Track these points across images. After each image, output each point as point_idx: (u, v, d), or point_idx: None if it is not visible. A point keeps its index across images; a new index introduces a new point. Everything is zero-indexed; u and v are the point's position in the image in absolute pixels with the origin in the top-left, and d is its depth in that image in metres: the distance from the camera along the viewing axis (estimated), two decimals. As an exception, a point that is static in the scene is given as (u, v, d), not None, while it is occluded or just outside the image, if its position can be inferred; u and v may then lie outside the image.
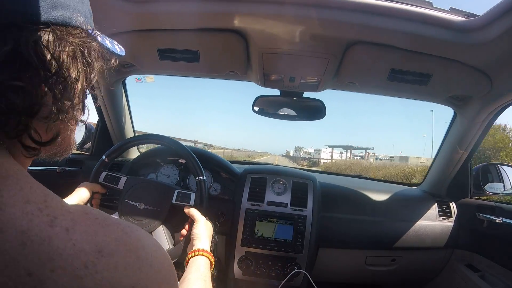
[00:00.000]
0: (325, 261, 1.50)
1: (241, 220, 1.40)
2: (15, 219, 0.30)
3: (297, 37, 1.02)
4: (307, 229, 1.38)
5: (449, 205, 1.58)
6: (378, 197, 1.60)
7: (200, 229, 0.94)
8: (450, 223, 1.54)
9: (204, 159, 1.29)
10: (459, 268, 1.51)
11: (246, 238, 1.38)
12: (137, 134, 1.85)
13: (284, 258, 1.38)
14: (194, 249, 0.86)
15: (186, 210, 1.04)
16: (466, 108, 1.36)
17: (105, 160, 1.14)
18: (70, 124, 0.42)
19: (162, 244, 1.02)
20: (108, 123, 1.69)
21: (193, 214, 1.00)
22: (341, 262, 1.56)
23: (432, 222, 1.53)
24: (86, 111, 0.47)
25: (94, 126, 1.75)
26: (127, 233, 0.36)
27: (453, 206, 1.58)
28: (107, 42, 0.48)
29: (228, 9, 0.95)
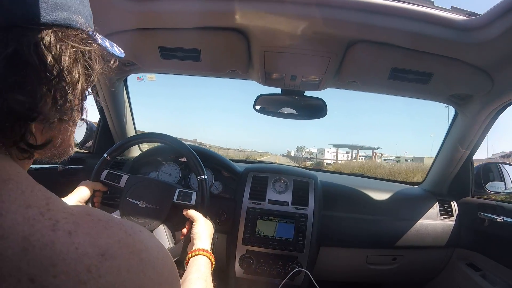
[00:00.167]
0: (326, 259, 1.50)
1: (242, 218, 1.40)
2: (17, 225, 0.29)
3: (298, 35, 1.02)
4: (308, 227, 1.38)
5: (450, 204, 1.58)
6: (379, 196, 1.60)
7: (199, 228, 0.94)
8: (451, 222, 1.54)
9: (205, 158, 1.29)
10: (460, 267, 1.51)
11: (247, 237, 1.39)
12: (138, 133, 1.86)
13: (285, 257, 1.38)
14: (194, 248, 0.86)
15: (185, 212, 1.03)
16: (468, 106, 1.36)
17: (106, 158, 1.13)
18: (68, 125, 0.42)
19: (163, 242, 1.02)
20: (109, 122, 1.69)
21: (192, 215, 0.99)
22: (342, 261, 1.56)
23: (433, 221, 1.53)
24: (85, 112, 0.47)
25: (95, 124, 1.76)
26: (130, 235, 0.35)
27: (454, 205, 1.58)
28: (107, 44, 0.48)
29: (229, 7, 0.94)
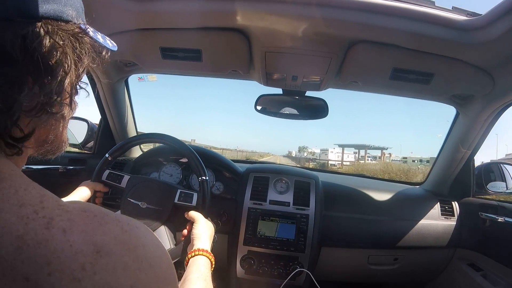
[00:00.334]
0: (327, 260, 1.50)
1: (243, 219, 1.40)
2: (11, 224, 0.29)
3: (299, 36, 1.02)
4: (310, 228, 1.38)
5: (451, 204, 1.58)
6: (381, 196, 1.60)
7: (199, 229, 0.94)
8: (452, 222, 1.54)
9: (206, 158, 1.29)
10: (462, 267, 1.51)
11: (248, 237, 1.38)
12: (139, 134, 1.86)
13: (286, 257, 1.37)
14: (194, 249, 0.86)
15: (186, 214, 1.02)
16: (469, 107, 1.36)
17: (108, 158, 1.13)
18: (57, 120, 0.42)
19: (164, 243, 1.02)
20: (110, 122, 1.69)
21: (192, 215, 0.99)
22: (343, 261, 1.55)
23: (434, 221, 1.53)
24: (75, 108, 0.46)
25: (96, 125, 1.76)
26: (127, 231, 0.35)
27: (455, 205, 1.58)
28: (99, 37, 0.47)
29: (231, 8, 0.94)
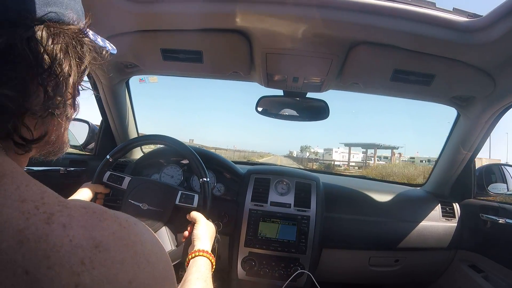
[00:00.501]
0: (328, 261, 1.50)
1: (244, 220, 1.40)
2: (12, 219, 0.29)
3: (300, 37, 1.02)
4: (311, 229, 1.38)
5: (452, 205, 1.58)
6: (382, 197, 1.60)
7: (200, 229, 0.94)
8: (453, 224, 1.54)
9: (207, 160, 1.29)
10: (463, 269, 1.51)
11: (249, 239, 1.38)
12: (140, 135, 1.86)
13: (287, 259, 1.37)
14: (195, 249, 0.86)
15: (188, 215, 1.02)
16: (470, 108, 1.36)
17: (109, 159, 1.13)
18: (61, 120, 0.42)
19: (165, 245, 1.02)
20: (111, 124, 1.69)
21: (194, 216, 0.99)
22: (344, 262, 1.55)
23: (435, 222, 1.52)
24: (77, 108, 0.47)
25: (97, 126, 1.76)
26: (125, 227, 0.35)
27: (456, 207, 1.58)
28: (99, 40, 0.48)
29: (231, 9, 0.95)
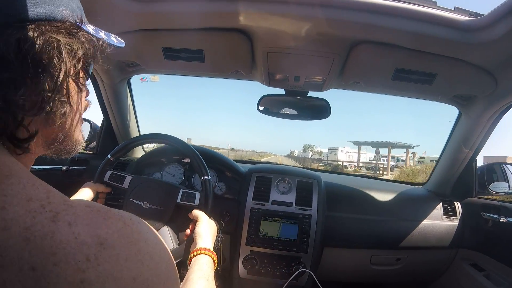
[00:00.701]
0: (330, 260, 1.50)
1: (246, 219, 1.40)
2: (19, 217, 0.30)
3: (302, 36, 1.02)
4: (312, 228, 1.38)
5: (454, 204, 1.58)
6: (383, 196, 1.60)
7: (202, 227, 0.94)
8: (455, 223, 1.54)
9: (209, 158, 1.29)
10: (464, 267, 1.51)
11: (251, 238, 1.38)
12: (141, 134, 1.86)
13: (289, 258, 1.37)
14: (196, 248, 0.86)
15: (189, 214, 1.03)
16: (471, 107, 1.36)
17: (110, 159, 1.14)
18: (59, 117, 0.42)
19: (167, 243, 1.02)
20: (113, 123, 1.70)
21: (196, 214, 0.99)
22: (346, 261, 1.55)
23: (437, 221, 1.53)
24: (80, 105, 0.47)
25: (99, 125, 1.76)
26: (129, 225, 0.36)
27: (458, 206, 1.58)
28: (102, 34, 0.47)
29: (233, 8, 0.95)
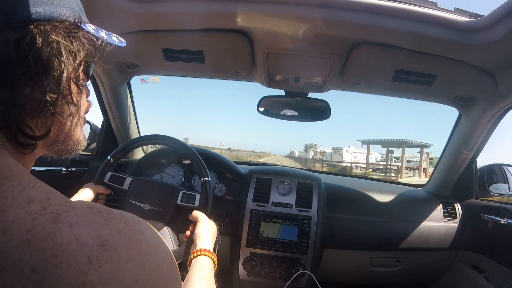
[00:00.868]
0: (330, 262, 1.50)
1: (246, 220, 1.40)
2: (19, 219, 0.30)
3: (302, 37, 1.02)
4: (312, 230, 1.38)
5: (454, 206, 1.58)
6: (383, 198, 1.60)
7: (202, 229, 0.93)
8: (455, 224, 1.54)
9: (209, 160, 1.29)
10: (464, 269, 1.51)
11: (251, 239, 1.38)
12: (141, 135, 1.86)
13: (289, 259, 1.37)
14: (197, 249, 0.85)
15: (189, 215, 1.02)
16: (471, 108, 1.36)
17: (110, 160, 1.14)
18: (61, 118, 0.42)
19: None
20: (113, 124, 1.69)
21: (196, 215, 0.99)
22: (346, 263, 1.55)
23: (437, 223, 1.52)
24: (82, 106, 0.47)
25: (99, 126, 1.76)
26: (131, 226, 0.36)
27: (458, 207, 1.58)
28: (103, 34, 0.47)
29: (233, 9, 0.95)
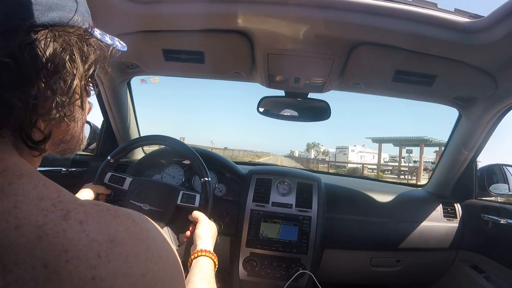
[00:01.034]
0: (330, 262, 1.50)
1: (246, 221, 1.40)
2: (31, 216, 0.31)
3: (302, 38, 1.02)
4: (312, 230, 1.38)
5: (454, 206, 1.58)
6: (383, 198, 1.60)
7: (202, 229, 0.93)
8: (455, 224, 1.54)
9: (209, 160, 1.29)
10: (464, 269, 1.51)
11: (251, 239, 1.38)
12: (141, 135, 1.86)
13: (289, 259, 1.37)
14: (197, 249, 0.85)
15: (189, 216, 1.02)
16: (471, 109, 1.36)
17: (110, 160, 1.14)
18: (68, 121, 0.43)
19: None
20: (113, 124, 1.70)
21: (196, 216, 0.99)
22: (346, 263, 1.55)
23: (437, 223, 1.52)
24: (88, 109, 0.49)
25: (99, 127, 1.76)
26: (138, 223, 0.37)
27: (458, 207, 1.58)
28: (107, 39, 0.49)
29: (233, 10, 0.95)
